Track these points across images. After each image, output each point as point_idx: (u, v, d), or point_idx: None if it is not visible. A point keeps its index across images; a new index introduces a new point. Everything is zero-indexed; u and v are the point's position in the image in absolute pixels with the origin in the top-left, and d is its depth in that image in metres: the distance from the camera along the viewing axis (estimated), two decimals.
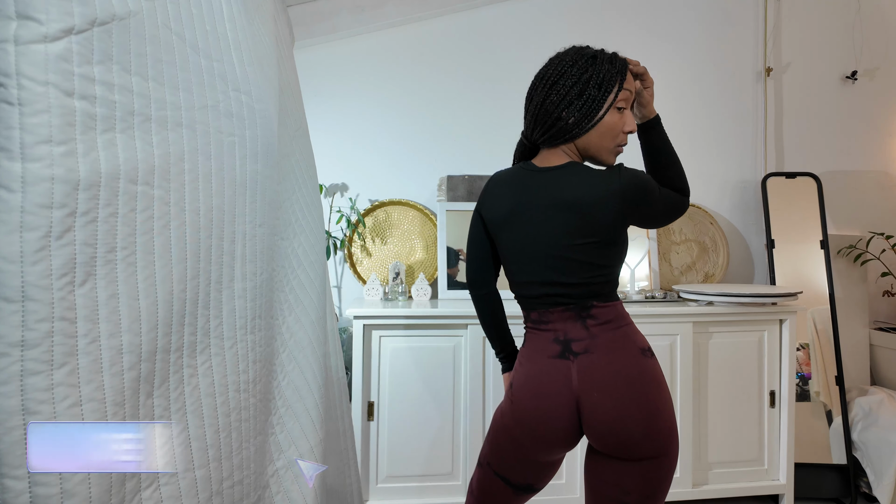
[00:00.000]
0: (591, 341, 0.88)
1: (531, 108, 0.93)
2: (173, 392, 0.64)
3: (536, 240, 0.91)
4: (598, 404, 0.86)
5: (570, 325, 0.90)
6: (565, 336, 0.90)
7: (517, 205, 0.93)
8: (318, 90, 2.07)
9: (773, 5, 2.24)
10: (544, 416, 0.89)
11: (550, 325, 0.92)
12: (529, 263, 0.93)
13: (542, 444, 0.91)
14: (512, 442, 0.94)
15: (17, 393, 0.49)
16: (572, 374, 0.88)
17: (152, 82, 0.61)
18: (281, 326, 0.90)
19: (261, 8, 0.92)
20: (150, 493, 0.61)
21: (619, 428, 0.85)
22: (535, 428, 0.90)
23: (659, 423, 0.86)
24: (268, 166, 0.82)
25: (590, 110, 0.88)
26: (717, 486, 1.74)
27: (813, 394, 1.95)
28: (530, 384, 0.91)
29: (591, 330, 0.89)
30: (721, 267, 2.15)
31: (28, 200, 0.49)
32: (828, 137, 2.28)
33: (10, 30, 0.49)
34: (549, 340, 0.91)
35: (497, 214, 0.96)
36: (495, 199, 0.97)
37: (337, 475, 1.11)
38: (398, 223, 2.08)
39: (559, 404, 0.88)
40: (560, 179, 0.90)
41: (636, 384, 0.86)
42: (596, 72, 0.87)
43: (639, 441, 0.84)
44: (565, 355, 0.89)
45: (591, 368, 0.87)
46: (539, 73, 0.94)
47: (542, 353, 0.91)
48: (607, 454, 0.88)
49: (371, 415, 1.63)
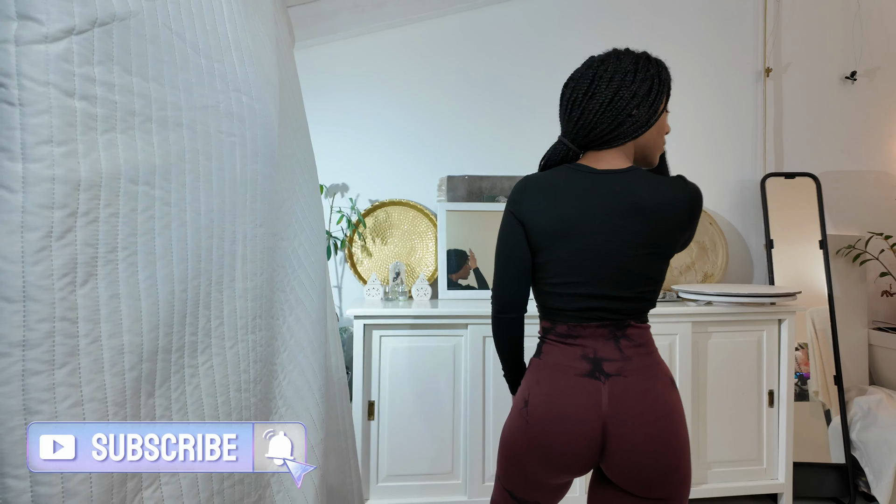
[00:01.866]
0: (625, 364, 0.83)
1: (593, 106, 0.86)
2: (174, 392, 0.64)
3: (598, 248, 0.84)
4: (629, 435, 0.80)
5: (603, 343, 0.85)
6: (595, 354, 0.84)
7: (579, 211, 0.85)
8: (319, 90, 2.07)
9: (773, 5, 2.24)
10: (567, 440, 0.82)
11: (580, 341, 0.85)
12: (582, 273, 0.85)
13: (556, 469, 0.85)
14: (520, 463, 0.87)
15: (19, 393, 0.49)
16: (602, 397, 0.81)
17: (153, 83, 0.61)
18: (281, 326, 0.90)
19: (261, 8, 0.92)
20: (150, 492, 0.61)
21: (646, 464, 0.80)
22: (552, 451, 0.83)
23: (683, 466, 0.82)
24: (268, 166, 0.82)
25: (657, 107, 0.88)
26: (715, 485, 1.75)
27: (812, 393, 1.95)
28: (554, 404, 0.84)
29: (625, 352, 0.84)
30: (720, 267, 2.15)
31: (29, 201, 0.49)
32: (827, 138, 2.28)
33: (11, 30, 0.49)
34: (576, 356, 0.85)
35: (550, 222, 0.86)
36: (546, 206, 0.87)
37: (337, 474, 1.11)
38: (398, 223, 2.08)
39: (585, 430, 0.81)
40: (632, 183, 0.85)
41: (668, 420, 0.82)
42: (658, 71, 0.89)
43: (662, 481, 0.81)
44: (595, 375, 0.83)
45: (625, 395, 0.81)
46: (590, 73, 0.88)
47: (568, 371, 0.84)
48: (622, 488, 0.84)
49: (371, 414, 1.63)
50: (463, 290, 1.95)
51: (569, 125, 0.90)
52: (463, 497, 1.64)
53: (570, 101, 0.89)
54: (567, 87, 0.91)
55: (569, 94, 0.90)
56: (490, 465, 1.64)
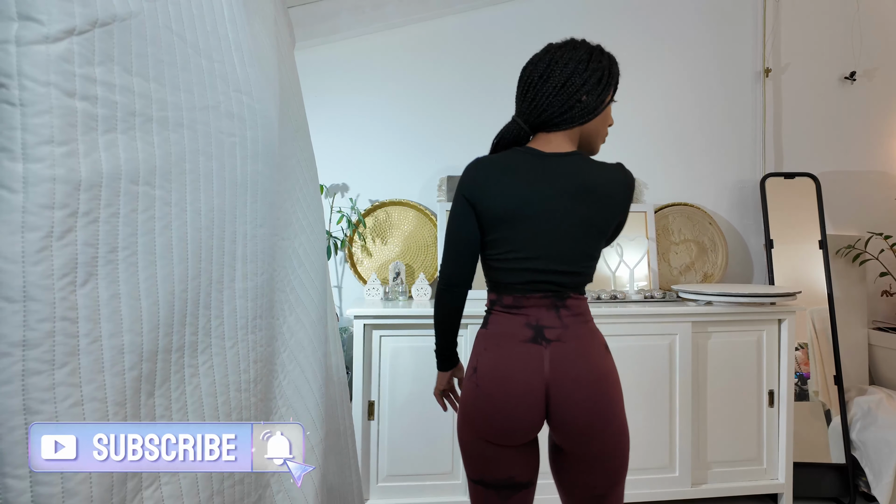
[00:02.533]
0: (564, 331, 0.91)
1: (546, 88, 0.91)
2: (174, 392, 0.64)
3: (548, 227, 0.90)
4: (569, 395, 0.88)
5: (544, 312, 0.91)
6: (538, 322, 0.91)
7: (530, 192, 0.90)
8: (319, 90, 2.07)
9: (773, 6, 2.24)
10: (513, 399, 0.88)
11: (524, 311, 0.92)
12: (531, 250, 0.91)
13: (507, 428, 0.90)
14: (475, 433, 0.92)
15: (19, 393, 0.49)
16: (544, 361, 0.89)
17: (153, 83, 0.61)
18: (282, 326, 0.90)
19: (261, 9, 0.92)
20: (151, 492, 0.61)
21: (584, 419, 0.88)
22: (501, 410, 0.89)
23: (617, 420, 0.91)
24: (268, 167, 0.82)
25: (604, 97, 0.94)
26: (715, 485, 1.75)
27: (812, 393, 1.95)
28: (500, 367, 0.90)
29: (564, 320, 0.91)
30: (720, 267, 2.15)
31: (30, 201, 0.49)
32: (826, 138, 2.28)
33: (12, 31, 0.49)
34: (520, 324, 0.91)
35: (502, 203, 0.90)
36: (499, 187, 0.91)
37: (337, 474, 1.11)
38: (398, 223, 2.08)
39: (530, 389, 0.88)
40: (580, 166, 0.92)
41: (603, 380, 0.90)
42: (610, 64, 0.95)
43: (598, 436, 0.89)
44: (538, 340, 0.90)
45: (564, 359, 0.89)
46: (547, 58, 0.93)
47: (513, 338, 0.91)
48: (568, 450, 0.92)
49: (371, 414, 1.63)
50: None
51: (523, 105, 0.95)
52: (463, 497, 1.64)
53: (527, 83, 0.95)
54: (525, 69, 0.96)
55: (526, 77, 0.95)
56: None
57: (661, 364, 1.71)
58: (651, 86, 2.20)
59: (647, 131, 2.18)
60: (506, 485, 0.93)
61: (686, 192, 2.19)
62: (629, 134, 2.10)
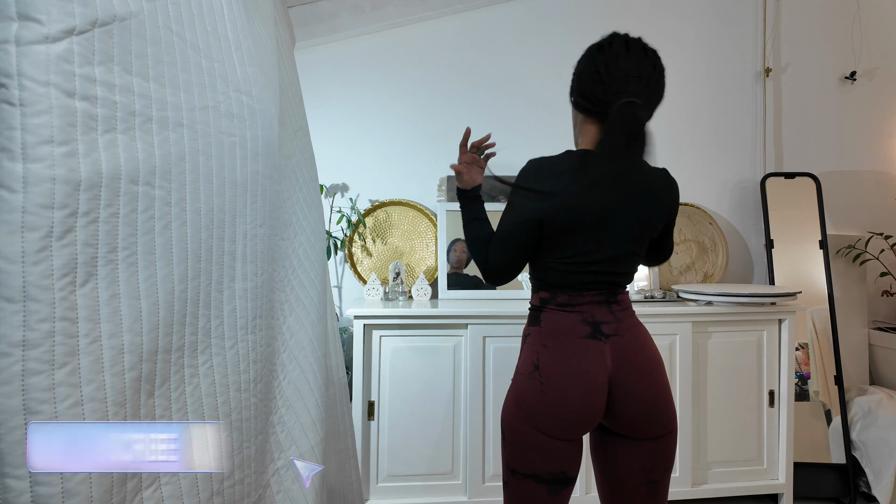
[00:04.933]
0: (619, 325, 0.94)
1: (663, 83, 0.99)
2: (174, 392, 0.64)
3: (612, 231, 0.92)
4: (632, 386, 0.91)
5: (597, 308, 0.94)
6: (594, 318, 0.93)
7: (599, 195, 0.90)
8: (319, 90, 2.07)
9: (773, 6, 2.24)
10: (581, 393, 0.90)
11: (578, 308, 0.94)
12: (596, 254, 0.92)
13: (571, 423, 0.90)
14: (534, 429, 0.91)
15: (19, 393, 0.49)
16: (606, 355, 0.91)
17: (153, 83, 0.61)
18: (281, 326, 0.90)
19: (261, 9, 0.92)
20: (150, 492, 0.61)
21: (647, 408, 0.92)
22: (568, 405, 0.90)
23: (671, 405, 0.95)
24: (268, 166, 0.82)
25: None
26: (716, 485, 1.75)
27: (812, 393, 1.95)
28: (565, 362, 0.91)
29: (617, 315, 0.95)
30: (720, 267, 2.15)
31: (29, 201, 0.49)
32: (827, 138, 2.28)
33: (12, 30, 0.49)
34: (577, 322, 0.93)
35: (570, 206, 0.89)
36: (566, 190, 0.90)
37: (337, 474, 1.11)
38: (398, 223, 2.08)
39: (597, 381, 0.90)
40: (644, 171, 0.96)
41: (659, 368, 0.95)
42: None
43: (658, 421, 0.93)
44: (597, 336, 0.92)
45: (624, 352, 0.92)
46: (652, 50, 0.98)
47: (572, 334, 0.93)
48: (630, 435, 0.94)
49: (371, 414, 1.63)
50: (464, 289, 1.95)
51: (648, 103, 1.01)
52: (463, 497, 1.64)
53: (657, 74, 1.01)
54: None
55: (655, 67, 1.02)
56: (490, 465, 1.64)
57: None
58: None
59: None
60: (559, 479, 0.92)
61: (686, 192, 2.19)
62: None
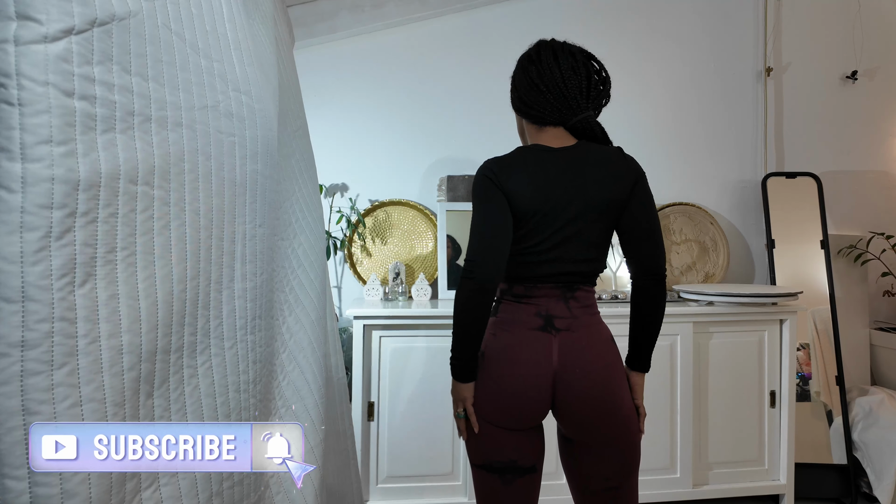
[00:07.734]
0: (573, 321, 0.92)
1: (597, 82, 0.95)
2: (173, 392, 0.64)
3: (567, 219, 0.90)
4: (576, 383, 0.89)
5: (554, 302, 0.92)
6: (548, 311, 0.92)
7: (553, 186, 0.90)
8: (319, 90, 2.07)
9: (773, 5, 2.24)
10: (521, 382, 0.90)
11: (534, 300, 0.93)
12: (550, 244, 0.91)
13: (512, 411, 0.90)
14: (480, 416, 0.93)
15: (18, 393, 0.49)
16: (553, 349, 0.90)
17: (152, 82, 0.61)
18: (281, 327, 0.90)
19: (260, 8, 0.92)
20: (150, 493, 0.61)
21: (591, 407, 0.90)
22: (508, 392, 0.90)
23: (625, 407, 0.92)
24: (268, 166, 0.82)
25: None
26: (717, 486, 1.74)
27: (813, 394, 1.95)
28: (509, 353, 0.91)
29: (573, 311, 0.93)
30: (721, 267, 2.14)
31: (28, 201, 0.49)
32: (828, 137, 2.28)
33: (10, 30, 0.49)
34: (531, 313, 0.92)
35: (529, 196, 0.90)
36: (526, 181, 0.90)
37: (337, 475, 1.11)
38: (398, 223, 2.08)
39: (538, 374, 0.89)
40: (593, 155, 0.93)
41: (608, 370, 0.92)
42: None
43: (607, 421, 0.90)
44: (547, 329, 0.91)
45: (572, 347, 0.90)
46: (582, 51, 0.96)
47: (523, 325, 0.92)
48: (578, 439, 0.93)
49: (371, 415, 1.63)
50: None
51: (574, 103, 0.98)
52: (463, 498, 1.64)
53: (588, 78, 0.98)
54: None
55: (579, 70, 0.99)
56: None
57: (663, 364, 1.71)
58: (652, 85, 2.19)
59: (648, 131, 2.17)
60: (509, 468, 0.92)
61: (687, 192, 2.19)
62: (630, 133, 2.09)
